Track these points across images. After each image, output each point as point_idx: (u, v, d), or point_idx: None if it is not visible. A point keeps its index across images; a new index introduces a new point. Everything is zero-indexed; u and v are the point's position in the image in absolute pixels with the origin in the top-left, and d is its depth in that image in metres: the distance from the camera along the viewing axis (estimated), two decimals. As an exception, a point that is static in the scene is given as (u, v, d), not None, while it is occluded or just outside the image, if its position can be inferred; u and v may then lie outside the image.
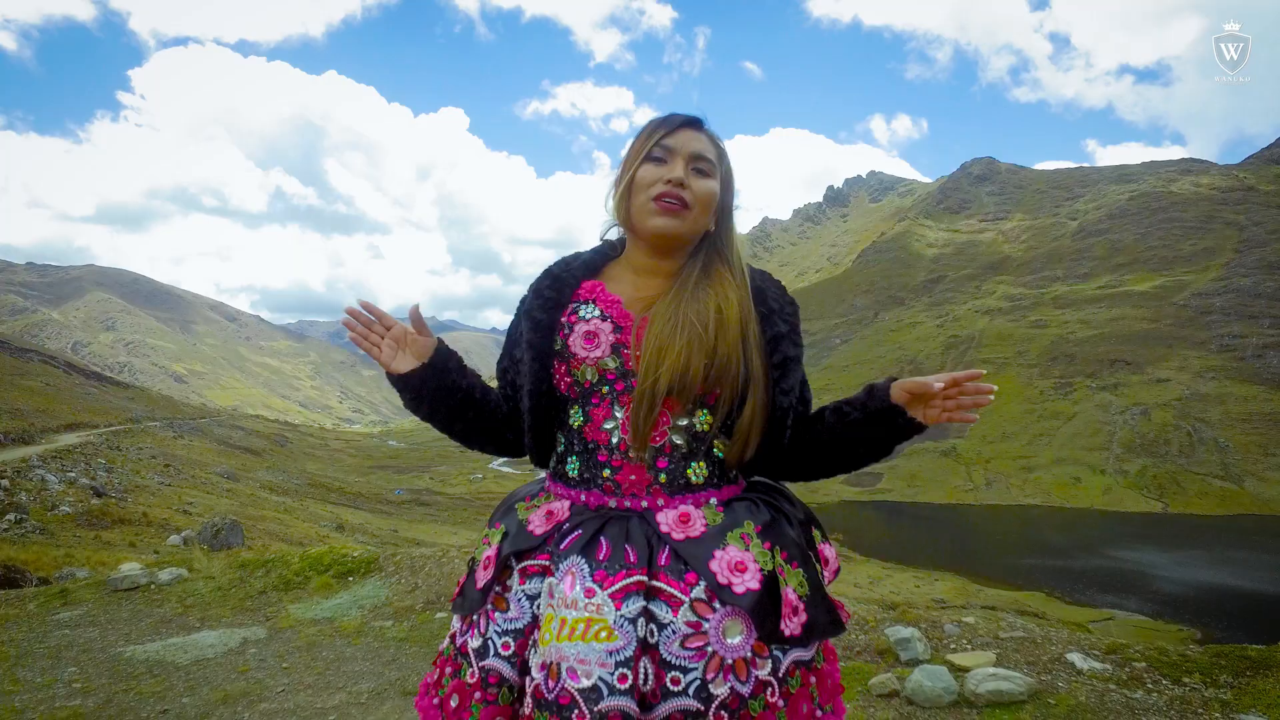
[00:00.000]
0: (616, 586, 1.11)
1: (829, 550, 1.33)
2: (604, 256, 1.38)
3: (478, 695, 1.19)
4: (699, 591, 1.13)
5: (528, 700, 1.12)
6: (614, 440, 1.23)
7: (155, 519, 18.32)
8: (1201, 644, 3.90)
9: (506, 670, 1.18)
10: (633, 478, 1.22)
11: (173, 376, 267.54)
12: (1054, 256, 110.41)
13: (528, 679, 1.14)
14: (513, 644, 1.19)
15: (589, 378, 1.25)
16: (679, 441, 1.23)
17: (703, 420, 1.24)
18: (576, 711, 1.05)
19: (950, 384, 1.17)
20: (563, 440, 1.30)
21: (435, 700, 1.26)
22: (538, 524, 1.25)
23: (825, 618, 1.18)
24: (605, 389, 1.24)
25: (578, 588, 1.12)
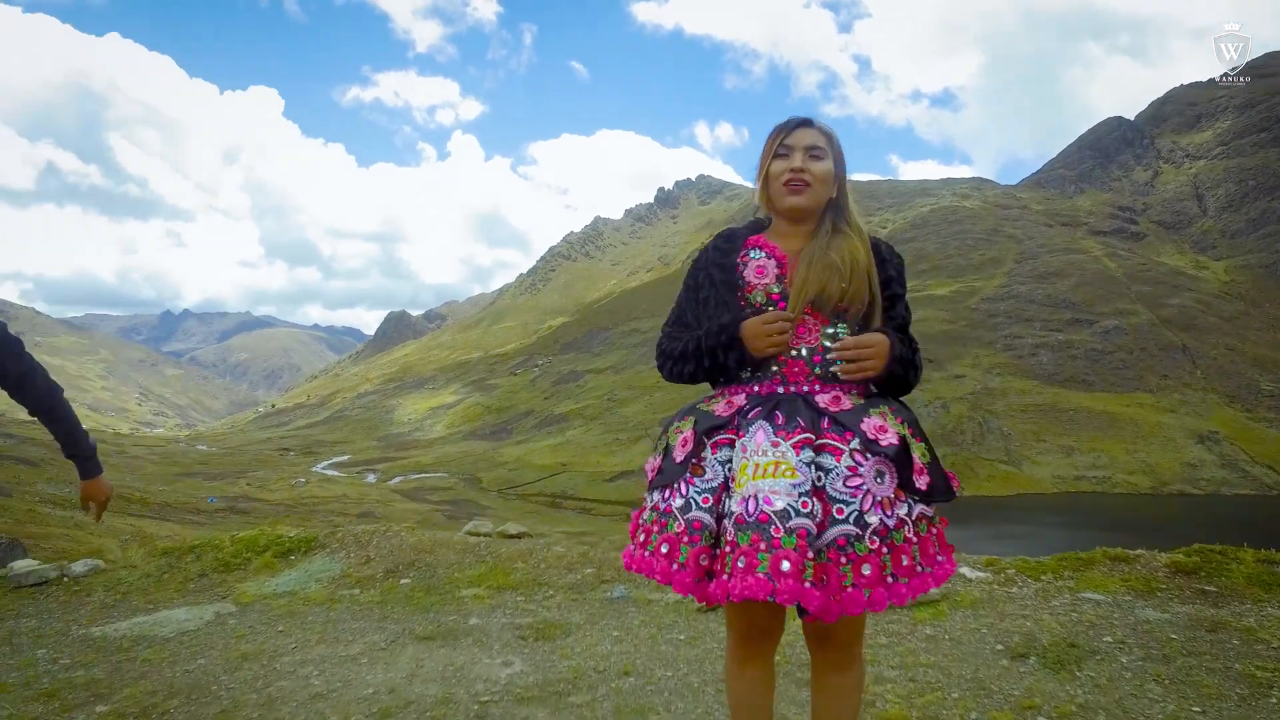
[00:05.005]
0: (794, 440, 1.49)
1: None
2: (760, 225, 1.80)
3: (685, 539, 1.53)
4: (855, 444, 1.51)
5: (728, 531, 1.47)
6: None
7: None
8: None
9: (707, 519, 1.53)
10: (795, 370, 1.61)
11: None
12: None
13: (722, 523, 1.50)
14: (710, 499, 1.54)
15: (759, 300, 1.66)
16: (828, 344, 1.61)
17: (843, 330, 1.63)
18: (774, 527, 1.40)
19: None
20: None
21: (646, 554, 1.59)
22: (722, 410, 1.62)
23: (942, 483, 1.56)
24: (771, 308, 1.64)
25: (765, 441, 1.50)
